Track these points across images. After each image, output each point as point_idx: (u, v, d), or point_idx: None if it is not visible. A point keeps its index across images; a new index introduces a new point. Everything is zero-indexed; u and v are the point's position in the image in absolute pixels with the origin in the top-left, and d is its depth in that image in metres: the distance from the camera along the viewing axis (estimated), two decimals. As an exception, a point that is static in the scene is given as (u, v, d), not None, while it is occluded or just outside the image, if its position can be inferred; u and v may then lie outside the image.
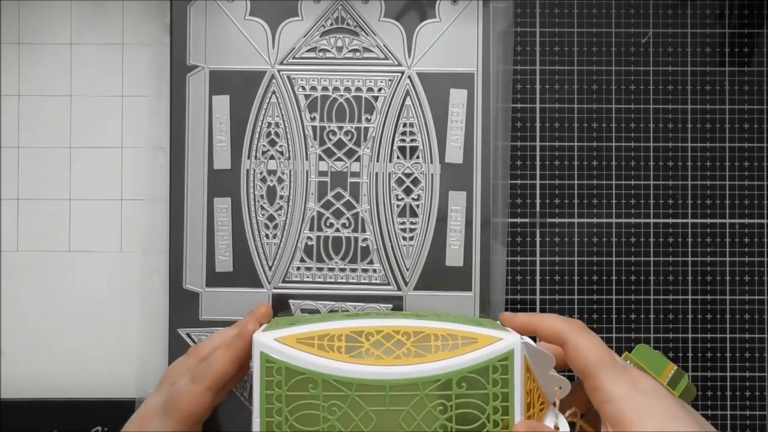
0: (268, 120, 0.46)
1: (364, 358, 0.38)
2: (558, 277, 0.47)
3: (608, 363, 0.37)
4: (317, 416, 0.37)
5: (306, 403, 0.37)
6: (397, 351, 0.38)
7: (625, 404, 0.36)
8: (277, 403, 0.37)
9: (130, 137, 0.47)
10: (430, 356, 0.38)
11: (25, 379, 0.47)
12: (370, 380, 0.37)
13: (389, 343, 0.38)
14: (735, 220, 0.47)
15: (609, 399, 0.36)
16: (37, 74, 0.47)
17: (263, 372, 0.38)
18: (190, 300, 0.46)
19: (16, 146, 0.47)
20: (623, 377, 0.37)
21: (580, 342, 0.38)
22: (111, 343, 0.47)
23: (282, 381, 0.37)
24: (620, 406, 0.36)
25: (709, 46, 0.47)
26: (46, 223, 0.47)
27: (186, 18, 0.46)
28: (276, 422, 0.37)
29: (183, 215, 0.46)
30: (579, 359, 0.38)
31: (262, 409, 0.38)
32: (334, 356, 0.38)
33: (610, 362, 0.38)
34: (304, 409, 0.37)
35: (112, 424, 0.46)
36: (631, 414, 0.36)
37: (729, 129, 0.47)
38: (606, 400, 0.37)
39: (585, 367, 0.38)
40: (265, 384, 0.38)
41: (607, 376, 0.37)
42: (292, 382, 0.37)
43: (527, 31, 0.47)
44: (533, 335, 0.40)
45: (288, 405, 0.37)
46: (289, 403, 0.37)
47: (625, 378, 0.37)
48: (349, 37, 0.46)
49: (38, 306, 0.47)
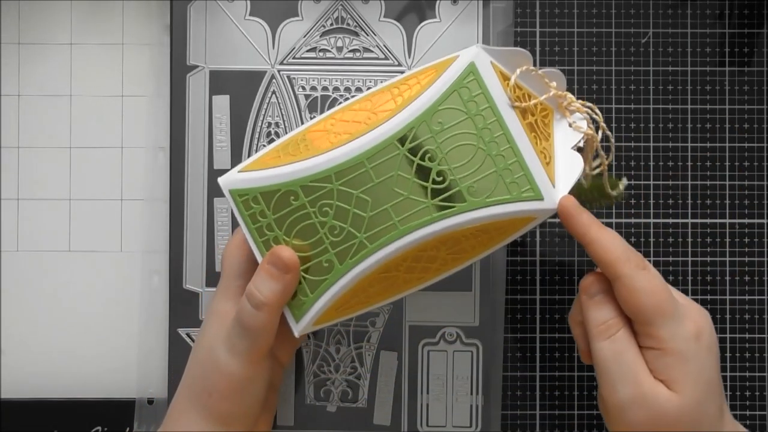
0: (268, 120, 0.46)
1: (333, 143, 0.35)
2: (558, 277, 0.47)
3: (668, 313, 0.34)
4: (313, 224, 0.34)
5: (296, 217, 0.35)
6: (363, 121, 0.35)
7: (676, 361, 0.33)
8: (269, 233, 0.35)
9: (130, 137, 0.47)
10: (395, 110, 0.34)
11: (25, 379, 0.47)
12: (345, 162, 0.34)
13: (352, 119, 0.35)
14: (735, 220, 0.47)
15: (660, 348, 0.34)
16: (37, 74, 0.47)
17: (241, 208, 0.35)
18: (190, 300, 0.46)
19: (16, 146, 0.47)
20: (684, 329, 0.34)
21: (638, 284, 0.34)
22: (111, 343, 0.47)
23: (263, 209, 0.35)
24: (671, 361, 0.33)
25: (709, 46, 0.47)
26: (46, 223, 0.47)
27: (186, 18, 0.46)
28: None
29: (183, 215, 0.46)
30: (633, 303, 0.34)
31: (259, 245, 0.35)
32: (302, 156, 0.35)
33: (671, 312, 0.34)
34: (298, 224, 0.35)
35: (112, 424, 0.46)
36: (679, 375, 0.33)
37: (729, 129, 0.47)
38: (657, 347, 0.34)
39: (640, 312, 0.34)
40: (250, 219, 0.35)
41: (664, 328, 0.33)
42: (274, 203, 0.35)
43: (527, 31, 0.47)
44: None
45: (281, 228, 0.35)
46: (281, 226, 0.35)
47: (686, 329, 0.34)
48: (349, 37, 0.46)
49: (38, 306, 0.47)
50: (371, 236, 0.34)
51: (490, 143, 0.34)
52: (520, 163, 0.34)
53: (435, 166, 0.34)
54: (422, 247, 0.34)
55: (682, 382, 0.33)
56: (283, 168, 0.35)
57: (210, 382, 0.38)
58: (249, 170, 0.36)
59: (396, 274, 0.35)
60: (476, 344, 0.45)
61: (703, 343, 0.34)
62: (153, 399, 0.46)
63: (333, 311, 0.36)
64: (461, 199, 0.33)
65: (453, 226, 0.33)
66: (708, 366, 0.34)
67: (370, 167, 0.34)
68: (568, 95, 0.37)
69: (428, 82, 0.35)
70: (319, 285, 0.35)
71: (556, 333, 0.46)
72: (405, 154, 0.34)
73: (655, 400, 0.34)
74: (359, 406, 0.45)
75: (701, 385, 0.34)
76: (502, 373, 0.46)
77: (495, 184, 0.33)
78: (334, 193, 0.34)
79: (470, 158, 0.34)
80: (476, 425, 0.45)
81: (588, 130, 0.37)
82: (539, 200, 0.34)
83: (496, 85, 0.34)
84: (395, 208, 0.34)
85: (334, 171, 0.34)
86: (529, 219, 0.35)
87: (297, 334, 0.36)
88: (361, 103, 0.37)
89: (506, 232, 0.35)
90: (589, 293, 0.36)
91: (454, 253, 0.36)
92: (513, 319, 0.46)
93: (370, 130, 0.34)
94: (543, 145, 0.35)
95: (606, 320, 0.35)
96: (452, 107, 0.34)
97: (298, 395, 0.45)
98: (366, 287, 0.35)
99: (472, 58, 0.34)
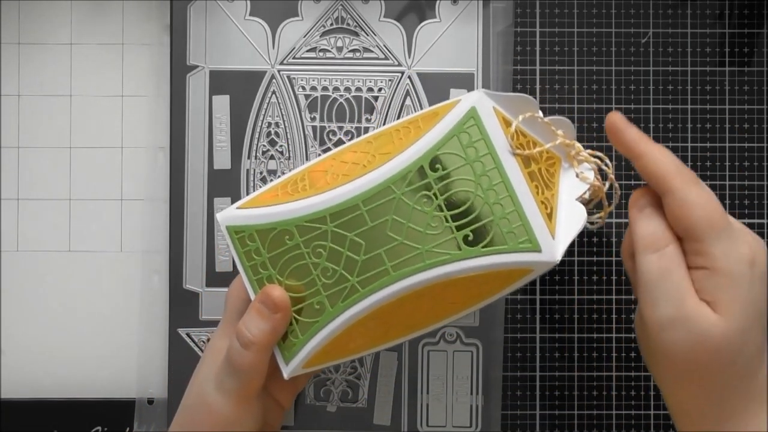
0: (268, 120, 0.46)
1: (330, 184, 0.34)
2: (558, 277, 0.47)
3: (721, 229, 0.32)
4: (307, 265, 0.34)
5: (290, 257, 0.34)
6: (362, 163, 0.34)
7: (726, 282, 0.31)
8: (263, 271, 0.35)
9: (130, 137, 0.47)
10: (393, 153, 0.34)
11: (25, 379, 0.47)
12: (340, 204, 0.33)
13: (351, 160, 0.34)
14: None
15: (711, 268, 0.31)
16: (37, 74, 0.47)
17: (237, 245, 0.35)
18: (190, 300, 0.46)
19: (16, 146, 0.47)
20: (737, 250, 0.32)
21: (691, 197, 0.32)
22: (111, 343, 0.47)
23: (259, 247, 0.34)
24: (721, 281, 0.31)
25: (709, 46, 0.47)
26: (46, 223, 0.47)
27: (186, 18, 0.46)
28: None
29: (183, 215, 0.46)
30: (684, 217, 0.32)
31: (253, 284, 0.35)
32: (299, 196, 0.34)
33: (724, 228, 0.32)
34: (292, 264, 0.34)
35: (112, 424, 0.46)
36: (727, 298, 0.31)
37: (729, 129, 0.47)
38: (707, 266, 0.32)
39: (691, 226, 0.32)
40: (245, 256, 0.35)
41: (718, 243, 0.31)
42: (269, 242, 0.34)
43: (527, 31, 0.47)
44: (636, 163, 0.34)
45: (275, 267, 0.34)
46: (275, 265, 0.34)
47: (740, 250, 0.32)
48: (349, 37, 0.46)
49: (38, 306, 0.47)
50: (363, 280, 0.33)
51: (488, 191, 0.33)
52: (518, 213, 0.33)
53: (431, 211, 0.33)
54: (417, 294, 0.33)
55: (729, 306, 0.31)
56: (280, 207, 0.35)
57: (199, 418, 0.37)
58: (247, 207, 0.36)
59: (391, 319, 0.35)
60: (476, 344, 0.45)
61: (757, 269, 0.32)
62: (153, 399, 0.46)
63: (323, 354, 0.35)
64: (455, 247, 0.33)
65: (446, 275, 0.33)
66: (760, 295, 0.32)
67: (365, 210, 0.33)
68: (576, 144, 0.36)
69: (429, 126, 0.34)
70: (310, 327, 0.34)
71: (556, 333, 0.46)
72: (401, 198, 0.33)
73: (699, 323, 0.31)
74: (359, 406, 0.45)
75: (750, 312, 0.31)
76: (502, 373, 0.46)
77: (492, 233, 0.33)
78: (328, 235, 0.33)
79: (467, 205, 0.33)
80: (476, 425, 0.45)
81: (595, 182, 0.36)
82: (537, 252, 0.33)
83: (498, 132, 0.33)
84: (389, 253, 0.33)
85: (329, 212, 0.34)
86: (525, 271, 0.33)
87: (286, 376, 0.36)
88: (361, 145, 0.36)
89: (504, 283, 0.34)
90: (638, 206, 0.34)
91: (450, 302, 0.35)
92: (513, 319, 0.46)
93: (368, 172, 0.34)
94: (545, 195, 0.34)
95: (654, 232, 0.33)
96: (451, 152, 0.33)
97: (299, 395, 0.45)
98: (361, 330, 0.35)
99: (473, 103, 0.34)
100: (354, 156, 0.35)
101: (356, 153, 0.36)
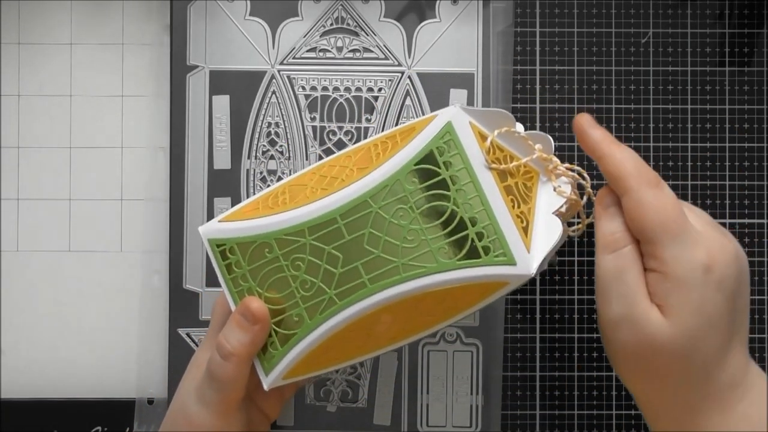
0: (268, 120, 0.46)
1: (309, 198, 0.35)
2: (558, 277, 0.47)
3: (674, 233, 0.32)
4: (286, 278, 0.34)
5: (270, 269, 0.35)
6: (340, 177, 0.35)
7: (676, 287, 0.31)
8: (244, 283, 0.35)
9: (130, 137, 0.47)
10: (371, 167, 0.34)
11: (25, 379, 0.47)
12: (318, 218, 0.34)
13: (330, 174, 0.35)
14: (735, 220, 0.47)
15: (663, 272, 0.32)
16: (37, 74, 0.47)
17: (218, 258, 0.35)
18: (190, 300, 0.46)
19: (16, 146, 0.47)
20: (690, 254, 0.31)
21: (646, 199, 0.32)
22: (111, 343, 0.47)
23: (239, 259, 0.35)
24: (671, 286, 0.31)
25: (709, 46, 0.47)
26: (46, 223, 0.47)
27: (186, 18, 0.46)
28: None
29: (183, 215, 0.46)
30: (638, 218, 0.32)
31: (234, 296, 0.36)
32: (279, 209, 0.35)
33: (677, 232, 0.32)
34: (271, 276, 0.35)
35: (112, 424, 0.46)
36: (676, 303, 0.31)
37: (729, 129, 0.47)
38: (660, 269, 0.32)
39: (645, 229, 0.32)
40: (226, 269, 0.35)
41: (671, 247, 0.31)
42: (249, 254, 0.35)
43: (527, 31, 0.47)
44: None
45: (255, 280, 0.35)
46: (255, 277, 0.35)
47: (694, 256, 0.31)
48: (349, 37, 0.46)
49: (38, 306, 0.47)
50: (341, 293, 0.34)
51: (464, 204, 0.33)
52: (493, 227, 0.33)
53: (407, 225, 0.33)
54: (394, 307, 0.34)
55: (678, 311, 0.31)
56: (260, 220, 0.35)
57: (180, 430, 0.37)
58: (228, 220, 0.36)
59: (369, 331, 0.35)
60: (476, 344, 0.45)
61: (712, 276, 0.32)
62: (153, 399, 0.46)
63: (303, 366, 0.35)
64: (432, 260, 0.33)
65: (423, 287, 0.33)
66: (713, 301, 0.32)
67: (342, 223, 0.34)
68: (553, 159, 0.36)
69: (406, 141, 0.34)
70: (289, 339, 0.35)
71: (556, 333, 0.46)
72: (378, 212, 0.33)
73: (645, 324, 0.32)
74: (359, 406, 0.45)
75: (699, 318, 0.32)
76: (501, 373, 0.46)
77: (467, 246, 0.33)
78: (306, 248, 0.34)
79: (443, 219, 0.33)
80: (476, 425, 0.45)
81: (571, 196, 0.36)
82: (512, 265, 0.33)
83: (473, 146, 0.34)
84: (366, 266, 0.33)
85: (307, 225, 0.34)
86: (501, 284, 0.34)
87: (266, 388, 0.36)
88: (341, 159, 0.37)
89: (480, 296, 0.34)
90: (603, 204, 0.35)
91: (428, 315, 0.35)
92: (513, 319, 0.46)
93: (345, 186, 0.34)
94: (521, 209, 0.34)
95: (614, 232, 0.33)
96: (427, 166, 0.33)
97: (298, 395, 0.45)
98: (340, 342, 0.35)
99: (449, 118, 0.34)
100: (333, 170, 0.36)
101: (335, 167, 0.36)
